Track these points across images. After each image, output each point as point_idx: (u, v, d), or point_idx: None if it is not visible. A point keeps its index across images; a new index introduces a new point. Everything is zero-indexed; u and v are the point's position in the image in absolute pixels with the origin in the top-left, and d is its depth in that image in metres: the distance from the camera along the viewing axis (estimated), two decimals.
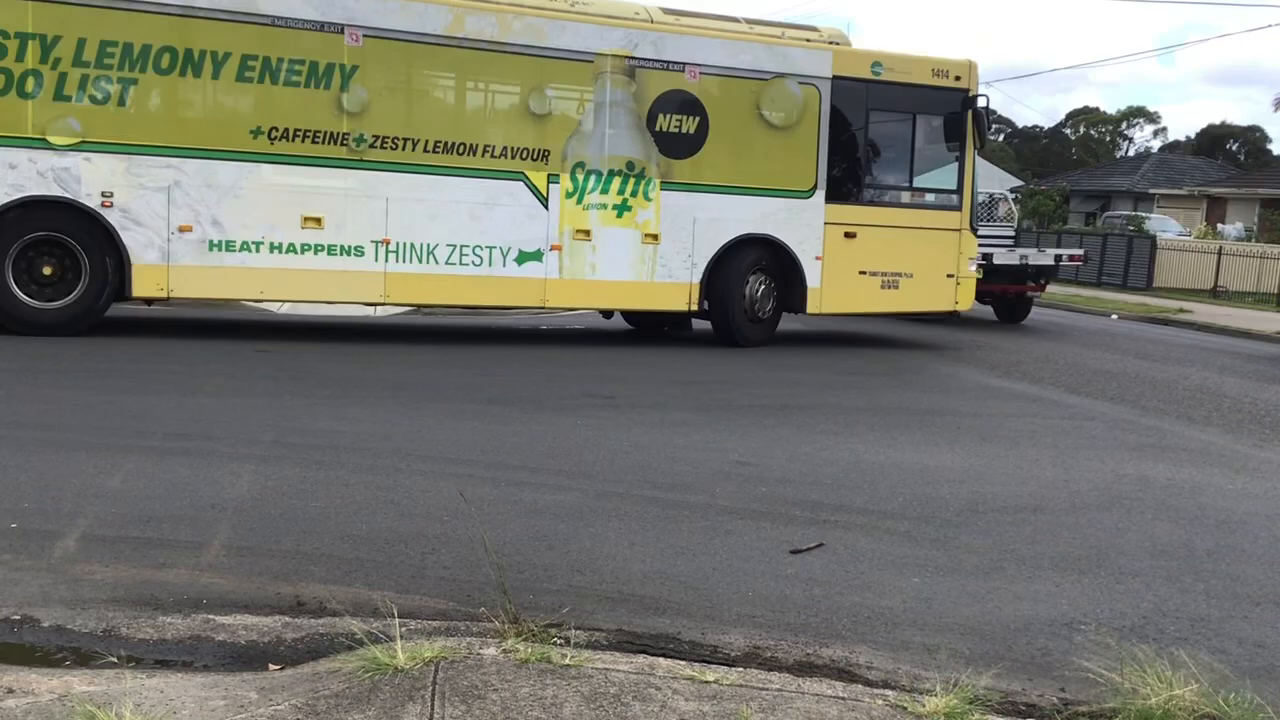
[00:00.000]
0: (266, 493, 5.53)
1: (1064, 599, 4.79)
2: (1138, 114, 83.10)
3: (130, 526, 4.89)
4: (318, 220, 10.80)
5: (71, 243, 10.14)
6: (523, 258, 11.58)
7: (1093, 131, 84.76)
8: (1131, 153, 75.56)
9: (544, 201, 11.61)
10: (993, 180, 62.54)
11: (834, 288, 12.92)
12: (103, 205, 10.11)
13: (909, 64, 13.29)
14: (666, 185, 12.10)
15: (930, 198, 13.55)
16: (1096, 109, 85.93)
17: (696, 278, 12.32)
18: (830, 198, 12.83)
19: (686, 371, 11.18)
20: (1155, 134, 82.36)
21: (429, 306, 12.78)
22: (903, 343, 14.84)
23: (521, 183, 11.53)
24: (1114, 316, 22.83)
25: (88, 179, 10.07)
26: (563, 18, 11.64)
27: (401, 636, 3.63)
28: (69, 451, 6.12)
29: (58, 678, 3.39)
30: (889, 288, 13.26)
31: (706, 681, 3.53)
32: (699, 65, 12.16)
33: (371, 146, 10.94)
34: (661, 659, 3.77)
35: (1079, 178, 55.34)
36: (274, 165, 10.64)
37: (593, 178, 11.78)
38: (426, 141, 11.14)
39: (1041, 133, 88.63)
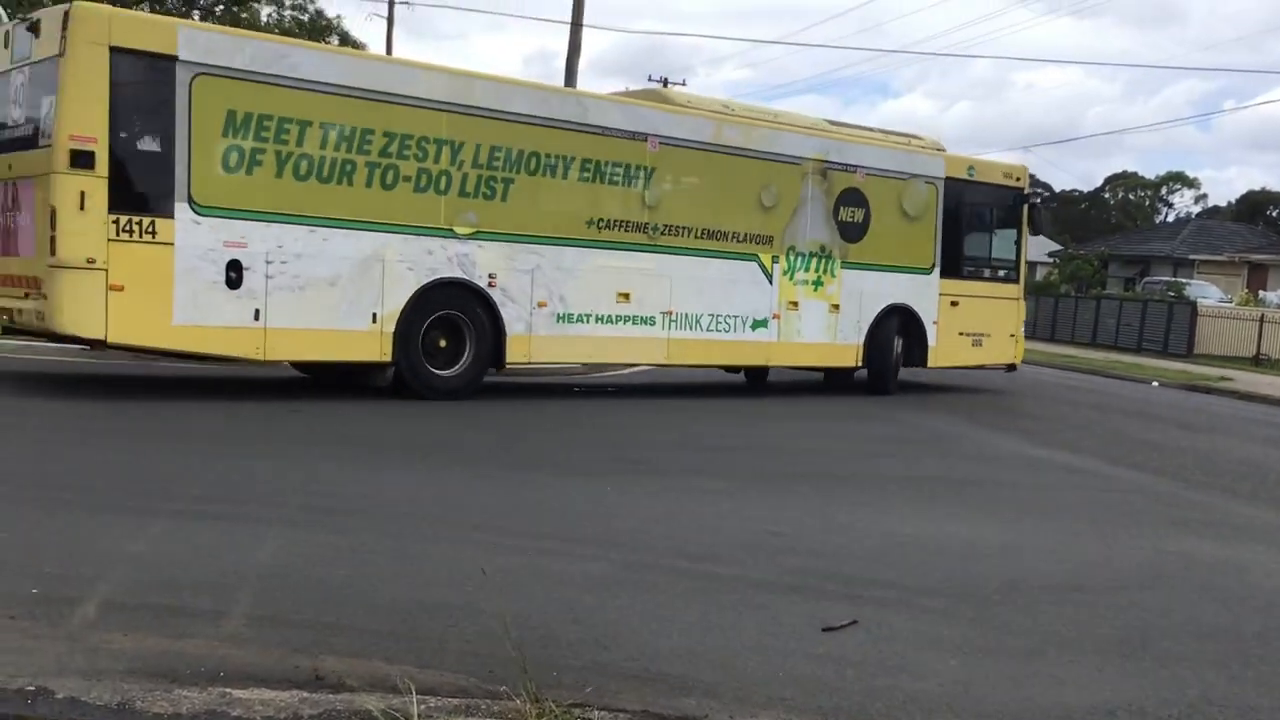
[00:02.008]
0: (290, 559, 5.46)
1: (1107, 685, 4.61)
2: (1177, 179, 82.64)
3: (152, 593, 4.83)
4: (626, 295, 12.88)
5: (461, 317, 11.73)
6: (755, 324, 14.03)
7: (1131, 196, 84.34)
8: (1171, 218, 75.06)
9: (770, 278, 14.12)
10: (1031, 244, 62.44)
11: (944, 346, 15.91)
12: (489, 285, 11.80)
13: (988, 168, 16.76)
14: (845, 265, 14.79)
15: (1001, 272, 16.78)
16: (1135, 174, 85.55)
17: (861, 339, 15.07)
18: (942, 274, 15.87)
19: (714, 436, 11.08)
20: (1196, 200, 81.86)
21: (694, 366, 14.74)
22: (937, 409, 14.67)
23: (755, 263, 14.00)
24: (1156, 384, 22.51)
25: (480, 263, 11.74)
26: (783, 129, 14.40)
27: (420, 715, 3.53)
28: (94, 513, 6.09)
29: None
30: (976, 345, 16.37)
31: None
32: (865, 167, 14.97)
33: (662, 234, 13.14)
34: None
35: (1118, 242, 54.97)
36: (601, 250, 12.69)
37: (799, 258, 14.35)
38: (696, 229, 13.43)
39: (1080, 197, 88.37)
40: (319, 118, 10.62)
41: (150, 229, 9.80)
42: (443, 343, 11.64)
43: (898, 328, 15.48)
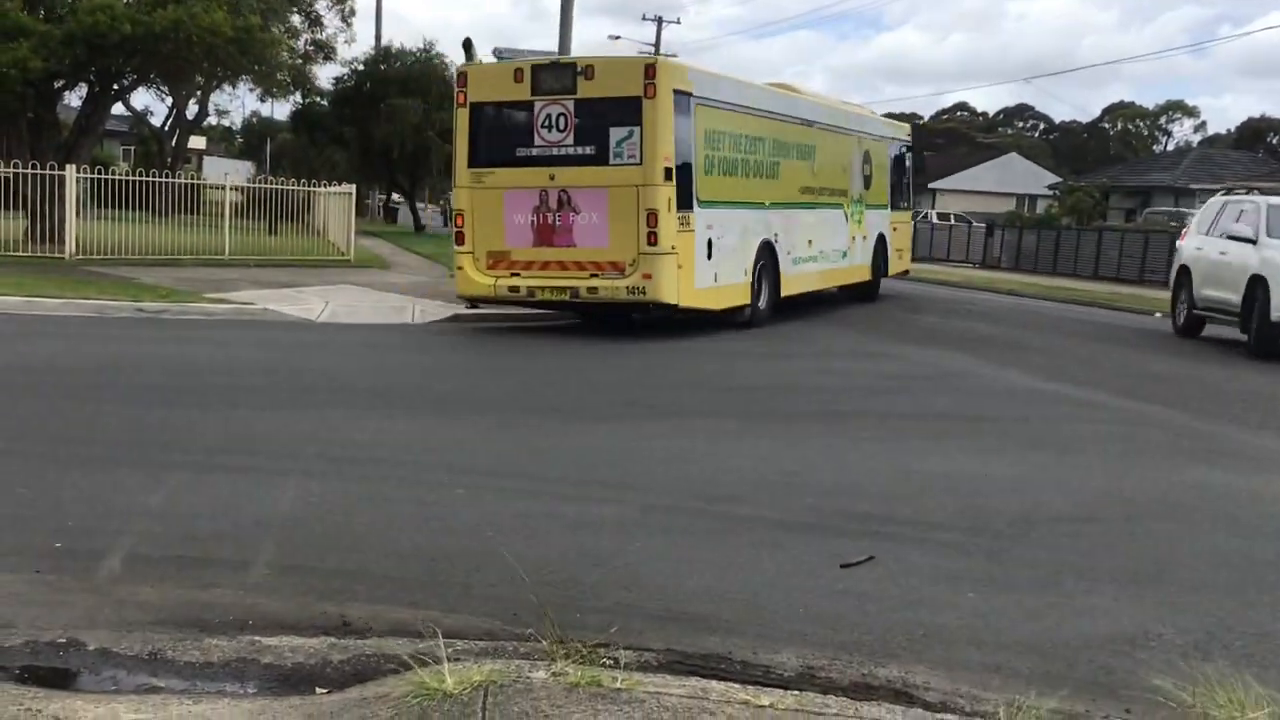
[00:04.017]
0: (310, 509, 5.49)
1: (1124, 614, 4.66)
2: (1176, 108, 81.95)
3: (175, 545, 4.87)
4: (810, 242, 17.16)
5: (765, 265, 15.38)
6: (841, 256, 18.71)
7: (1130, 126, 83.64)
8: (1170, 147, 74.48)
9: (846, 221, 18.80)
10: (1030, 177, 61.77)
11: (892, 261, 21.60)
12: (775, 240, 15.71)
13: (898, 127, 23.37)
14: (865, 207, 19.73)
15: (904, 204, 22.92)
16: (1133, 103, 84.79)
17: (868, 260, 20.16)
18: (891, 208, 21.50)
19: (725, 377, 11.09)
20: (1195, 129, 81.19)
21: (826, 289, 18.81)
22: (944, 345, 14.66)
23: (841, 210, 18.64)
24: (1158, 315, 22.46)
25: (773, 226, 15.78)
26: (847, 111, 19.88)
27: (448, 659, 3.56)
28: (112, 467, 6.12)
29: (104, 704, 3.35)
30: (900, 259, 22.37)
31: (762, 706, 3.43)
32: (870, 134, 20.29)
33: (818, 194, 17.57)
34: (714, 682, 3.68)
35: (1119, 173, 54.52)
36: (804, 210, 17.00)
37: (853, 204, 19.14)
38: (827, 189, 18.00)
39: (1079, 128, 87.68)
40: (729, 129, 14.62)
41: (687, 222, 13.37)
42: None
43: (878, 250, 20.59)
